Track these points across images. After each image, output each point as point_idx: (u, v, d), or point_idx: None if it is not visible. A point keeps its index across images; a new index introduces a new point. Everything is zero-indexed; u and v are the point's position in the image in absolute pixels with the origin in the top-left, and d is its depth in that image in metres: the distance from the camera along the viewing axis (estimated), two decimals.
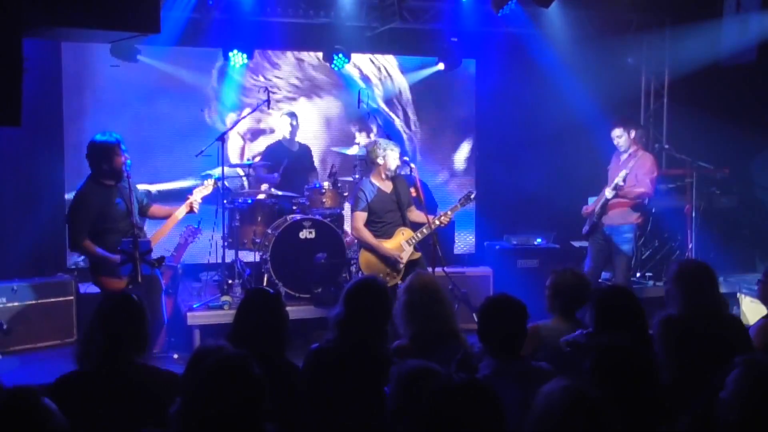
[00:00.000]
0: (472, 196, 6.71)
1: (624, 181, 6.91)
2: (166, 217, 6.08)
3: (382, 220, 6.53)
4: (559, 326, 4.09)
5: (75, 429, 2.57)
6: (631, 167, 7.09)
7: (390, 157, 6.47)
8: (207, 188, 6.28)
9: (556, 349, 3.83)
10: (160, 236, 5.98)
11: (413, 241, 6.50)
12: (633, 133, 7.19)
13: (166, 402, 2.80)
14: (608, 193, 7.04)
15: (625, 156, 7.23)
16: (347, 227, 7.36)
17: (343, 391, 3.39)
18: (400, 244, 6.51)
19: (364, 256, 6.53)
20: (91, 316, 3.39)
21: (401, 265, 6.47)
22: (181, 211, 6.02)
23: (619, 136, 7.18)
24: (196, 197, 6.09)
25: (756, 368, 2.45)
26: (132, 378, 3.21)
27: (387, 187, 6.53)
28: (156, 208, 6.15)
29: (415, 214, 6.67)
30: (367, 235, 6.47)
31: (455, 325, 3.98)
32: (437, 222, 6.53)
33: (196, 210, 6.11)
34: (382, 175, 6.50)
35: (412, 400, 2.55)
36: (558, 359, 3.67)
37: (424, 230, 6.51)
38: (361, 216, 6.48)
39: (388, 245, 6.49)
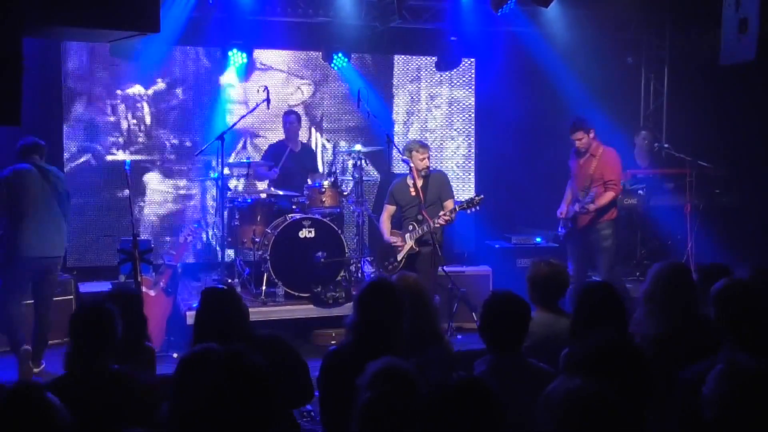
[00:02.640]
0: (477, 200, 6.75)
1: (593, 201, 6.95)
2: None
3: (403, 214, 7.03)
4: (542, 317, 4.13)
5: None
6: (594, 168, 7.11)
7: (415, 157, 6.87)
8: None
9: (541, 340, 3.84)
10: None
11: (415, 235, 6.88)
12: (592, 133, 7.18)
13: (142, 409, 2.83)
14: (579, 208, 7.07)
15: (585, 157, 7.20)
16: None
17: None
18: (404, 236, 6.95)
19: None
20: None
21: (399, 256, 6.94)
22: None
23: (580, 139, 7.16)
24: None
25: (737, 367, 2.45)
26: (104, 385, 3.22)
27: (417, 183, 6.88)
28: None
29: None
30: (383, 227, 7.13)
31: (438, 326, 4.01)
32: (437, 222, 6.72)
33: None
34: (415, 173, 6.88)
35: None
36: (543, 350, 3.69)
37: (425, 227, 6.78)
38: (388, 209, 7.15)
39: (393, 236, 7.03)
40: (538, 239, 8.44)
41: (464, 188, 9.62)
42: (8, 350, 6.41)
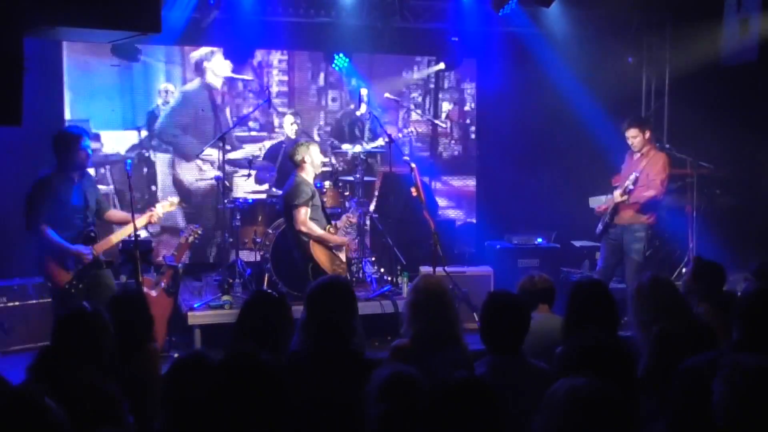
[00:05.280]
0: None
1: (634, 184, 6.86)
2: (120, 223, 6.04)
3: (316, 218, 6.52)
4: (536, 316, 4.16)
5: None
6: (642, 168, 7.06)
7: (314, 153, 6.50)
8: (171, 206, 6.29)
9: (535, 337, 3.85)
10: (115, 240, 5.92)
11: (345, 230, 6.66)
12: (648, 134, 7.14)
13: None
14: (618, 196, 6.99)
15: (637, 156, 7.17)
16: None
17: (319, 393, 3.37)
18: (337, 234, 6.64)
19: (317, 252, 6.46)
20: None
21: (344, 256, 6.62)
22: (140, 221, 5.93)
23: (634, 137, 7.08)
24: (159, 212, 6.04)
25: (739, 369, 2.44)
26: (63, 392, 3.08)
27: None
28: (112, 213, 6.13)
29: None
30: (317, 228, 6.43)
31: (458, 329, 3.99)
32: (349, 221, 6.67)
33: (154, 222, 6.10)
34: (312, 174, 6.51)
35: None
36: (537, 346, 3.71)
37: (345, 220, 6.68)
38: (308, 211, 6.40)
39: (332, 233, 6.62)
40: (539, 240, 8.44)
41: (466, 188, 9.63)
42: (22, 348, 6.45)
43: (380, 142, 8.06)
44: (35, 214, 5.57)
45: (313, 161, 6.48)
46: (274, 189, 7.86)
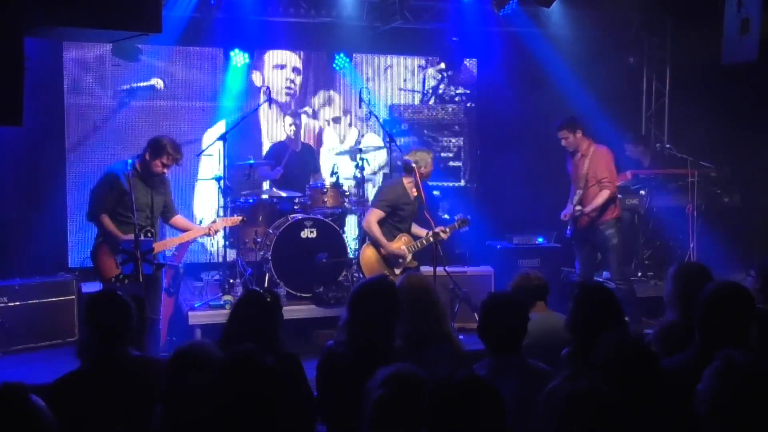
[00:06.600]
0: (467, 221, 6.95)
1: (581, 203, 7.02)
2: (182, 230, 6.32)
3: (397, 225, 6.65)
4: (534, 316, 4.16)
5: (81, 424, 2.59)
6: (587, 169, 7.09)
7: (431, 164, 6.66)
8: (234, 222, 6.66)
9: (536, 337, 3.85)
10: (169, 245, 6.06)
11: (413, 248, 6.67)
12: (579, 134, 7.15)
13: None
14: (577, 211, 7.07)
15: (578, 156, 7.19)
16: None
17: (356, 394, 3.37)
18: (400, 247, 6.67)
19: (367, 252, 6.66)
20: (83, 315, 3.50)
21: (402, 268, 6.60)
22: (199, 231, 6.34)
23: (565, 138, 7.15)
24: (219, 226, 6.29)
25: (733, 364, 2.46)
26: (129, 370, 3.30)
27: (413, 194, 6.65)
28: (179, 219, 6.33)
29: (415, 228, 6.81)
30: (378, 231, 6.57)
31: (446, 326, 4.00)
32: (437, 236, 6.59)
33: (212, 234, 6.44)
34: (418, 182, 6.54)
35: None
36: (538, 345, 3.71)
37: (423, 241, 6.66)
38: (379, 213, 6.60)
39: (397, 245, 6.65)
40: (540, 239, 8.43)
41: (464, 189, 9.63)
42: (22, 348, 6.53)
43: (377, 141, 8.07)
44: (97, 203, 5.88)
45: (428, 171, 6.65)
46: (275, 189, 7.86)
